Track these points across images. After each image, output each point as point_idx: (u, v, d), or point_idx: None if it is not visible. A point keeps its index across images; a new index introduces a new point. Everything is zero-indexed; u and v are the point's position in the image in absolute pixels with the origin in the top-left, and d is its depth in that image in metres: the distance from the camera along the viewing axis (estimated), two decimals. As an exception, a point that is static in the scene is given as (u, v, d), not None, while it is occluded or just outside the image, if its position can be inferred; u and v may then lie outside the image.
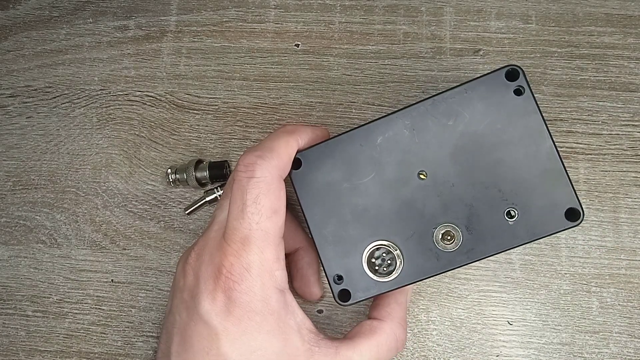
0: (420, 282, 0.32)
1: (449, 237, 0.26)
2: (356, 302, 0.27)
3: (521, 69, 0.25)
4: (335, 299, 0.27)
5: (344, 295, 0.27)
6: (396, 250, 0.26)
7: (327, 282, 0.27)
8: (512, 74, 0.25)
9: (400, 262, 0.26)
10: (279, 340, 0.25)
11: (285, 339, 0.25)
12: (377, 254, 0.26)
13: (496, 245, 0.25)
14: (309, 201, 0.27)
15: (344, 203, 0.27)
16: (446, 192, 0.26)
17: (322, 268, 0.27)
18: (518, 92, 0.25)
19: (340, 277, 0.27)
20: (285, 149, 0.26)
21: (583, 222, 0.33)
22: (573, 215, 0.25)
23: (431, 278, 0.27)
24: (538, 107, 0.25)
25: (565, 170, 0.25)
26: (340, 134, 0.27)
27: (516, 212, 0.25)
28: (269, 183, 0.25)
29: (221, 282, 0.25)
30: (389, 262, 0.26)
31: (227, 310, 0.24)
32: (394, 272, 0.26)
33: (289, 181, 0.27)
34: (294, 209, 0.34)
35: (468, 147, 0.26)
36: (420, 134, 0.26)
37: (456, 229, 0.26)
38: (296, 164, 0.27)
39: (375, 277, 0.26)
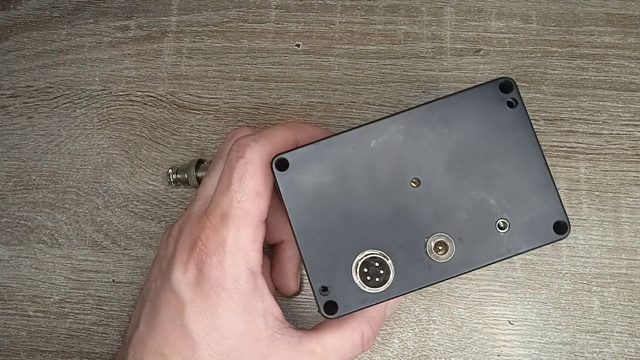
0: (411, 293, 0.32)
1: (441, 248, 0.25)
2: (343, 315, 0.25)
3: (514, 82, 0.25)
4: (320, 312, 0.25)
5: (330, 308, 0.25)
6: (387, 260, 0.25)
7: (310, 288, 0.26)
8: (506, 86, 0.25)
9: (392, 272, 0.25)
10: (242, 321, 0.25)
11: (249, 320, 0.25)
12: (367, 264, 0.25)
13: (487, 256, 0.25)
14: (295, 205, 0.25)
15: (332, 209, 0.25)
16: (439, 201, 0.25)
17: (306, 274, 0.25)
18: (510, 104, 0.25)
19: (325, 288, 0.25)
20: (281, 139, 0.26)
21: (584, 221, 0.34)
22: (560, 228, 0.25)
23: (422, 289, 0.27)
24: (529, 119, 0.25)
25: (554, 184, 0.25)
26: (331, 136, 0.26)
27: (507, 223, 0.25)
28: (256, 166, 0.25)
29: (195, 254, 0.25)
30: (379, 272, 0.25)
31: (197, 283, 0.25)
32: (384, 284, 0.25)
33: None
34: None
35: (462, 156, 0.25)
36: (414, 140, 0.25)
37: (449, 239, 0.25)
38: (283, 165, 0.25)
39: (364, 289, 0.25)
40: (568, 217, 0.25)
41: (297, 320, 0.33)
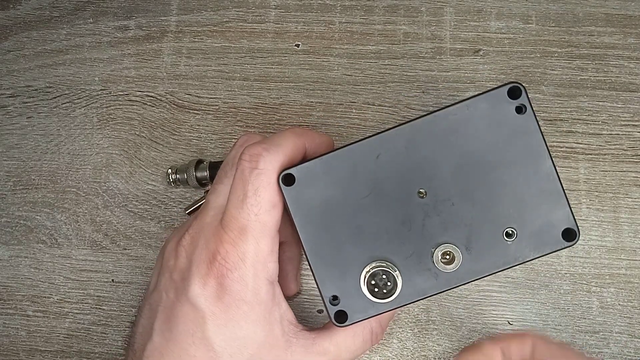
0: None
1: (448, 257, 0.25)
2: (353, 323, 0.26)
3: (523, 87, 0.25)
4: (331, 321, 0.26)
5: (341, 317, 0.26)
6: (395, 270, 0.25)
7: (321, 299, 0.26)
8: (514, 91, 0.25)
9: (399, 282, 0.25)
10: (262, 330, 0.26)
11: (269, 329, 0.26)
12: (375, 274, 0.25)
13: (494, 265, 0.25)
14: (304, 219, 0.26)
15: (340, 221, 0.26)
16: (446, 211, 0.25)
17: (316, 284, 0.26)
18: (519, 110, 0.25)
19: (335, 298, 0.26)
20: (292, 147, 0.26)
21: (584, 221, 0.34)
22: (569, 235, 0.25)
23: (429, 298, 0.27)
24: (539, 126, 0.25)
25: (564, 191, 0.25)
26: (336, 149, 0.26)
27: (514, 232, 0.25)
28: (270, 177, 0.25)
29: (214, 268, 0.25)
30: (387, 283, 0.25)
31: (217, 296, 0.25)
32: (392, 293, 0.25)
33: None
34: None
35: (468, 165, 0.25)
36: (420, 150, 0.25)
37: (456, 249, 0.25)
38: (289, 180, 0.26)
39: (373, 298, 0.25)
40: (577, 224, 0.25)
41: (297, 320, 0.33)
